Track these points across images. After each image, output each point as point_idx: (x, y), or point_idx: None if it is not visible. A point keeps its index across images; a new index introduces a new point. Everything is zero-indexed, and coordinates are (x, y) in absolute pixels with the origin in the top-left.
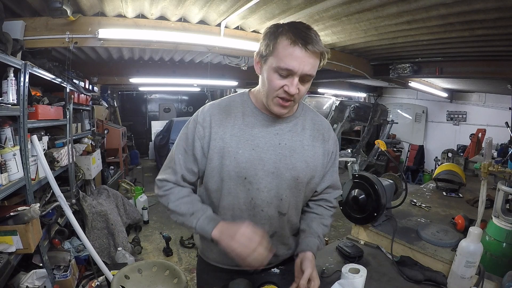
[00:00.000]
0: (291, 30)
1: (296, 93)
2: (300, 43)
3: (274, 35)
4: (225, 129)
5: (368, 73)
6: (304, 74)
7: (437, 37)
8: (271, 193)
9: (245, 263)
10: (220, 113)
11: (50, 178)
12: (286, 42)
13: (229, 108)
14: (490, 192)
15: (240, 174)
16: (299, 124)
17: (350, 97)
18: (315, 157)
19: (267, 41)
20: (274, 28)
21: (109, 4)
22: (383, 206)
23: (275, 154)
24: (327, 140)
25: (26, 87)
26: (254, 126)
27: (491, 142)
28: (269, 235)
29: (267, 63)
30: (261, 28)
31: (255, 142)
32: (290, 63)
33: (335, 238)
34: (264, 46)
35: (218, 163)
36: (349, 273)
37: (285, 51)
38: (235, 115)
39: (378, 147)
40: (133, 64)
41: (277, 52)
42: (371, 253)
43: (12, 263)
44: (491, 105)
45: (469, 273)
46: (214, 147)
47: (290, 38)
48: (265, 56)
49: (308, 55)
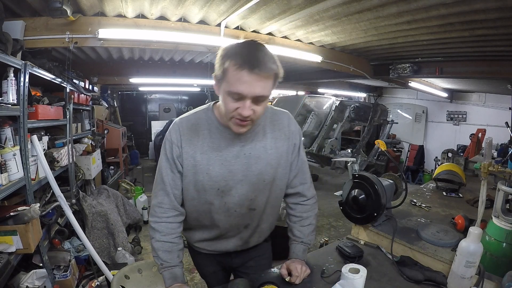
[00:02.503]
0: (239, 53)
1: (250, 115)
2: (247, 67)
3: (224, 59)
4: (195, 148)
5: (368, 73)
6: (255, 96)
7: (437, 37)
8: (242, 197)
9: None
10: (189, 133)
11: (50, 178)
12: (233, 67)
13: (197, 127)
14: (490, 192)
15: (213, 187)
16: (260, 131)
17: (350, 97)
18: (278, 157)
19: (219, 64)
20: (224, 50)
21: (109, 4)
22: (383, 206)
23: (241, 164)
24: (289, 135)
25: (26, 87)
26: (220, 142)
27: (491, 142)
28: (243, 226)
29: (221, 86)
30: (261, 28)
31: (223, 157)
32: (239, 88)
33: (335, 238)
34: (218, 69)
35: (192, 179)
36: (349, 273)
37: (233, 76)
38: (202, 134)
39: (378, 147)
40: (133, 64)
41: (227, 76)
42: (371, 253)
43: (12, 263)
44: (491, 105)
45: (469, 273)
46: (187, 165)
47: (237, 63)
48: (220, 80)
49: (257, 78)
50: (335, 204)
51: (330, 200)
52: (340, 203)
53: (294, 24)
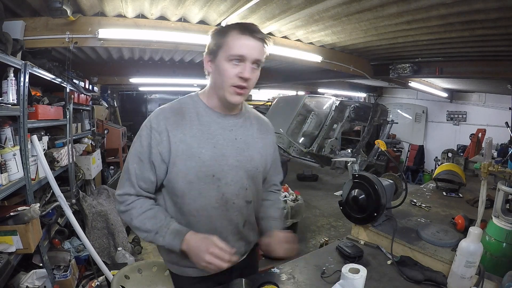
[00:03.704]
0: (238, 25)
1: (249, 78)
2: (248, 32)
3: (222, 32)
4: (183, 130)
5: (368, 73)
6: (255, 59)
7: (437, 37)
8: (237, 185)
9: (212, 267)
10: (174, 116)
11: (50, 178)
12: (235, 33)
13: (182, 111)
14: (490, 192)
15: (208, 173)
16: (247, 120)
17: (350, 97)
18: (265, 148)
19: (216, 39)
20: (220, 28)
21: (109, 4)
22: (383, 206)
23: (234, 149)
24: (271, 132)
25: (26, 87)
26: (210, 125)
27: (491, 142)
28: (241, 225)
29: (217, 57)
30: (261, 28)
31: (215, 140)
32: (241, 50)
33: (335, 238)
34: (213, 43)
35: (182, 166)
36: (349, 273)
37: (235, 41)
38: (189, 116)
39: (378, 147)
40: (133, 64)
41: (227, 43)
42: (371, 253)
43: (12, 263)
44: (491, 105)
45: (469, 273)
46: (176, 151)
47: (239, 30)
48: (215, 51)
49: (256, 42)
50: (335, 204)
51: (330, 200)
52: (340, 203)
53: (294, 24)
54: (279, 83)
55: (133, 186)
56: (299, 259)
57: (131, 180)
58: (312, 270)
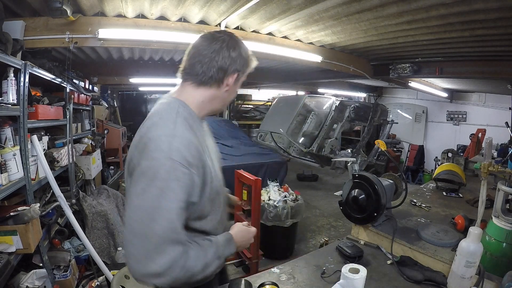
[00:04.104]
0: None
1: None
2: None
3: (249, 58)
4: (207, 152)
5: (368, 73)
6: None
7: (437, 37)
8: (221, 182)
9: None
10: (197, 138)
11: (50, 178)
12: (253, 64)
13: (192, 128)
14: (490, 192)
15: (221, 185)
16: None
17: (350, 97)
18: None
19: (244, 61)
20: (245, 49)
21: (109, 4)
22: (383, 206)
23: (216, 152)
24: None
25: (26, 87)
26: (204, 137)
27: (491, 142)
28: (227, 219)
29: (240, 78)
30: (261, 28)
31: (212, 150)
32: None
33: (335, 238)
34: (243, 64)
35: (209, 191)
36: (349, 273)
37: (250, 68)
38: (199, 134)
39: (378, 147)
40: (133, 64)
41: (248, 71)
42: (371, 253)
43: (12, 263)
44: (491, 105)
45: (469, 273)
46: (209, 178)
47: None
48: (243, 72)
49: None
50: (335, 204)
51: (330, 200)
52: (340, 203)
53: (294, 24)
54: (279, 83)
55: (183, 245)
56: (299, 259)
57: (180, 240)
58: (312, 270)
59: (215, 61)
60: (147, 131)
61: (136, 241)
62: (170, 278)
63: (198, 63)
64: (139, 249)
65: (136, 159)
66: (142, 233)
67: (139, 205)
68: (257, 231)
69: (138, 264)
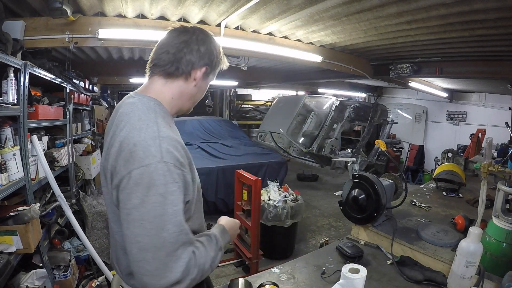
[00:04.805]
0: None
1: None
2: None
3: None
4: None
5: (368, 73)
6: None
7: (437, 37)
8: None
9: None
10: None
11: (50, 178)
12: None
13: (169, 123)
14: (490, 192)
15: (199, 180)
16: None
17: (350, 97)
18: None
19: (218, 58)
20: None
21: (109, 4)
22: (383, 206)
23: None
24: None
25: (26, 87)
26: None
27: (491, 142)
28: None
29: (210, 75)
30: (261, 28)
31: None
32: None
33: (335, 238)
34: (216, 60)
35: (196, 189)
36: (349, 273)
37: (219, 66)
38: (172, 128)
39: (378, 147)
40: (133, 64)
41: (218, 70)
42: (371, 253)
43: (12, 263)
44: (491, 105)
45: (469, 273)
46: (196, 175)
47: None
48: (214, 68)
49: None
50: (335, 204)
51: (330, 200)
52: (340, 203)
53: (294, 24)
54: (279, 83)
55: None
56: (299, 259)
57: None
58: (312, 270)
59: (183, 52)
60: (127, 136)
61: (149, 257)
62: (188, 281)
63: (166, 53)
64: (153, 264)
65: (123, 169)
66: (153, 246)
67: (141, 218)
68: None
69: (155, 279)
